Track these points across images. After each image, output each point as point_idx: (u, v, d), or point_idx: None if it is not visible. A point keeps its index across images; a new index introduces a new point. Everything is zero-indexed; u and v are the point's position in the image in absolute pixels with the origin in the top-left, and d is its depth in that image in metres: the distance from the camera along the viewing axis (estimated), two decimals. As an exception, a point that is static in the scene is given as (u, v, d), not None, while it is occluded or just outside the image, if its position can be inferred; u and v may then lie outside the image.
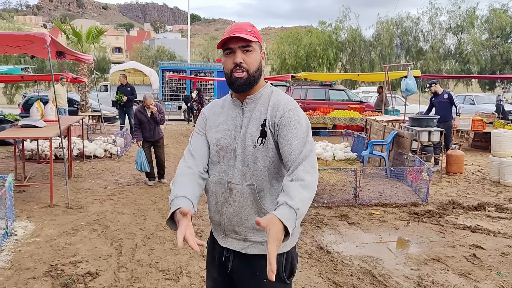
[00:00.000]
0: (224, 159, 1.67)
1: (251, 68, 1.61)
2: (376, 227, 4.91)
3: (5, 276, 3.48)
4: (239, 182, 1.62)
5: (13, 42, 5.94)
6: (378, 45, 29.08)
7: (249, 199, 1.62)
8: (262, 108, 1.65)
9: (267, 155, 1.61)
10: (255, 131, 1.62)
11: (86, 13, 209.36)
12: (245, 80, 1.60)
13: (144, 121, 6.64)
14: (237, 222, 1.64)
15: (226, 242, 1.70)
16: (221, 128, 1.69)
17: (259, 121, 1.62)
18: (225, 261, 1.72)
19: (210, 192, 1.71)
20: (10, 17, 76.73)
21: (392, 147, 7.81)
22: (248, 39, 1.58)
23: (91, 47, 17.62)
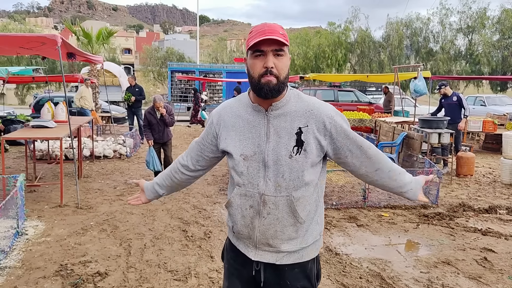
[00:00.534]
0: (249, 169, 1.57)
1: (281, 74, 1.51)
2: (385, 229, 4.87)
3: (16, 275, 3.52)
4: (273, 194, 1.55)
5: (25, 44, 6.02)
6: (388, 46, 28.89)
7: (285, 210, 1.56)
8: (292, 115, 1.55)
9: (305, 164, 1.55)
10: (288, 140, 1.53)
11: (96, 15, 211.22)
12: (274, 86, 1.50)
13: (154, 123, 6.59)
14: (272, 235, 1.58)
15: (257, 255, 1.63)
16: (242, 136, 1.60)
17: (291, 129, 1.54)
18: (255, 274, 1.66)
19: (235, 205, 1.64)
20: (22, 19, 77.71)
21: (401, 149, 7.75)
22: (282, 42, 1.48)
23: (101, 48, 17.77)
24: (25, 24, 47.65)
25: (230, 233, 1.76)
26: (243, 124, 1.61)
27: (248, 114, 1.61)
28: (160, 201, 5.91)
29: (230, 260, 1.76)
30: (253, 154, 1.56)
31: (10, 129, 9.99)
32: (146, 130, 6.71)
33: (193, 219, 5.12)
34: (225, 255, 1.82)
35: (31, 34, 6.02)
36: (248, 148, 1.58)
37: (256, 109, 1.59)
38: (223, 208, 5.57)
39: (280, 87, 1.52)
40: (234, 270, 1.74)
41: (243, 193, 1.60)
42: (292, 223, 1.58)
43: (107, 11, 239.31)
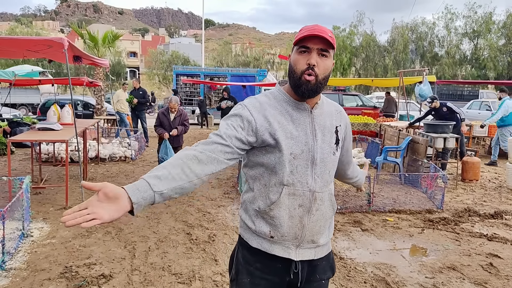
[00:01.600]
0: (298, 168, 1.54)
1: (321, 74, 1.50)
2: (390, 234, 4.85)
3: (21, 276, 3.53)
4: (321, 190, 1.59)
5: (32, 47, 6.07)
6: (393, 50, 28.88)
7: (327, 204, 1.64)
8: (329, 114, 1.66)
9: (338, 161, 1.72)
10: (331, 138, 1.62)
11: (102, 18, 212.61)
12: (313, 86, 1.50)
13: (165, 124, 6.45)
14: (317, 230, 1.61)
15: (299, 255, 1.60)
16: (290, 134, 1.53)
17: (331, 127, 1.63)
18: (293, 277, 1.61)
19: (284, 206, 1.55)
20: (29, 22, 78.36)
21: (406, 153, 7.73)
22: (329, 43, 1.48)
23: (107, 52, 17.89)
24: (32, 27, 48.04)
25: (259, 240, 1.61)
26: (287, 122, 1.54)
27: (292, 111, 1.56)
28: (164, 203, 5.92)
29: (256, 272, 1.61)
30: (301, 152, 1.54)
31: (17, 131, 10.07)
32: (158, 128, 6.55)
33: (198, 222, 5.12)
34: (243, 268, 1.64)
35: (38, 37, 6.08)
36: (296, 146, 1.54)
37: (301, 107, 1.57)
38: (228, 211, 5.58)
39: (318, 88, 1.52)
40: (261, 281, 1.61)
41: (292, 192, 1.55)
42: (331, 216, 1.69)
43: (113, 15, 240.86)
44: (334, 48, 1.52)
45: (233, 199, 6.18)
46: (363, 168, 2.18)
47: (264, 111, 1.54)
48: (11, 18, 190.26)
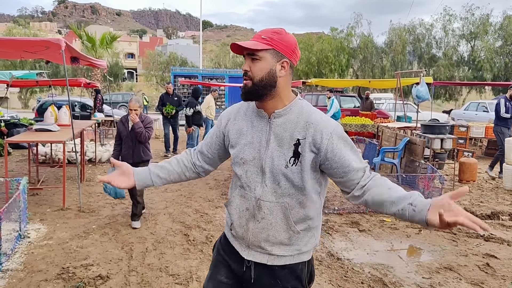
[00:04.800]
0: (248, 173, 1.60)
1: (255, 77, 1.52)
2: (387, 235, 4.86)
3: (18, 278, 3.52)
4: (269, 199, 1.57)
5: (29, 48, 6.06)
6: (390, 51, 28.97)
7: (279, 216, 1.58)
8: (293, 125, 1.54)
9: (301, 176, 1.54)
10: (287, 150, 1.53)
11: (100, 20, 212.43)
12: (248, 88, 1.54)
13: (124, 135, 4.99)
14: (264, 238, 1.60)
15: (249, 255, 1.66)
16: (245, 139, 1.62)
17: (290, 139, 1.53)
18: (245, 270, 1.68)
19: (234, 205, 1.67)
20: (26, 23, 78.19)
21: (404, 154, 7.74)
22: (251, 49, 1.50)
23: (105, 53, 17.89)
24: (29, 28, 47.93)
25: (227, 230, 1.78)
26: (247, 128, 1.63)
27: (253, 118, 1.63)
28: (162, 205, 5.92)
29: (221, 251, 1.78)
30: (252, 159, 1.59)
31: (14, 132, 10.04)
32: (115, 146, 5.18)
33: (195, 223, 5.12)
34: (217, 246, 1.83)
35: (35, 38, 6.07)
36: (248, 152, 1.60)
37: (260, 115, 1.61)
38: (225, 213, 5.57)
39: (255, 91, 1.54)
40: (223, 260, 1.76)
41: (242, 194, 1.64)
42: (285, 229, 1.59)
43: (110, 16, 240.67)
44: (270, 48, 1.51)
45: (231, 200, 6.17)
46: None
47: (233, 117, 1.70)
48: (8, 19, 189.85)
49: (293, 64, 1.59)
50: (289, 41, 1.55)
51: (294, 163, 1.52)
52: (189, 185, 7.06)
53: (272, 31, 1.55)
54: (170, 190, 6.85)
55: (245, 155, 1.60)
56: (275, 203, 1.57)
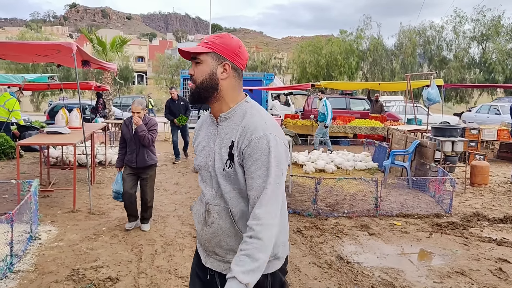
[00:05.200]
0: (203, 178, 1.65)
1: (197, 80, 1.57)
2: (398, 238, 4.82)
3: (29, 279, 3.55)
4: (217, 203, 1.58)
5: (41, 51, 6.13)
6: (400, 54, 28.79)
7: (227, 221, 1.57)
8: (233, 128, 1.55)
9: (236, 179, 1.53)
10: (224, 153, 1.54)
11: (111, 23, 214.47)
12: (192, 92, 1.59)
13: (127, 137, 4.84)
14: (216, 243, 1.61)
15: (208, 261, 1.66)
16: (201, 146, 1.68)
17: (227, 142, 1.54)
18: (210, 279, 1.68)
19: (194, 210, 1.72)
20: (38, 28, 79.27)
21: (414, 157, 7.68)
22: (191, 52, 1.56)
23: (115, 56, 18.02)
24: (41, 32, 48.60)
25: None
26: (204, 134, 1.69)
27: (208, 125, 1.68)
28: (171, 207, 5.93)
29: (194, 261, 1.82)
30: (205, 164, 1.62)
31: (25, 135, 10.16)
32: (119, 150, 4.99)
33: (204, 225, 5.11)
34: (194, 256, 1.87)
35: (47, 42, 6.15)
36: (202, 158, 1.64)
37: (212, 120, 1.66)
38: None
39: (198, 94, 1.58)
40: (194, 270, 1.79)
41: (200, 199, 1.69)
42: (234, 234, 1.56)
43: (121, 20, 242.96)
44: (211, 51, 1.54)
45: (240, 203, 6.16)
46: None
47: (200, 125, 1.76)
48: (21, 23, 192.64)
49: (237, 67, 1.59)
50: (231, 44, 1.57)
51: (230, 166, 1.52)
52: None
53: (216, 35, 1.58)
54: (179, 192, 6.87)
55: (200, 161, 1.65)
56: (222, 207, 1.57)
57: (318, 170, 8.70)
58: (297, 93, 19.88)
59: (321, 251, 4.36)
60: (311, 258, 4.18)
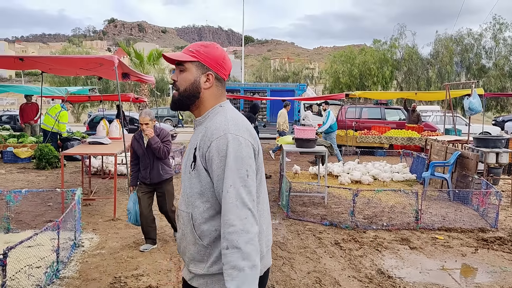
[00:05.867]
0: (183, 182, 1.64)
1: (180, 87, 1.57)
2: (441, 253, 4.64)
3: (74, 285, 3.66)
4: (182, 209, 1.57)
5: (85, 65, 6.40)
6: (436, 63, 28.06)
7: (188, 227, 1.53)
8: (200, 131, 1.56)
9: (199, 182, 1.49)
10: (189, 156, 1.55)
11: (147, 37, 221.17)
12: (176, 98, 1.59)
13: (140, 153, 4.50)
14: (182, 251, 1.59)
15: (184, 269, 1.64)
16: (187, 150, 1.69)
17: (193, 144, 1.55)
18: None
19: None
20: (80, 42, 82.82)
21: (455, 169, 7.42)
22: (175, 59, 1.57)
23: (151, 69, 18.56)
24: (82, 46, 50.76)
25: None
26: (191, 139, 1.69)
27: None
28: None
29: None
30: (185, 167, 1.60)
31: (68, 145, 10.58)
32: (132, 167, 4.68)
33: (241, 236, 5.11)
34: None
35: (90, 56, 6.41)
36: (184, 162, 1.64)
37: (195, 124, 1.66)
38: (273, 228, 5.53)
39: (180, 101, 1.58)
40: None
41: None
42: (193, 242, 1.52)
43: (156, 33, 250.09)
44: (195, 60, 1.55)
45: (275, 213, 6.14)
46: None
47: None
48: (63, 38, 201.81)
49: (220, 77, 1.59)
50: (216, 54, 1.57)
51: (193, 168, 1.51)
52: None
53: (201, 44, 1.59)
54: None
55: (183, 165, 1.63)
56: (185, 212, 1.55)
57: (353, 181, 8.55)
58: (330, 103, 19.74)
59: (360, 264, 4.27)
60: (350, 271, 4.09)
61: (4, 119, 18.37)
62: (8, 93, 31.00)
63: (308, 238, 5.07)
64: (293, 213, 6.10)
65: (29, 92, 12.84)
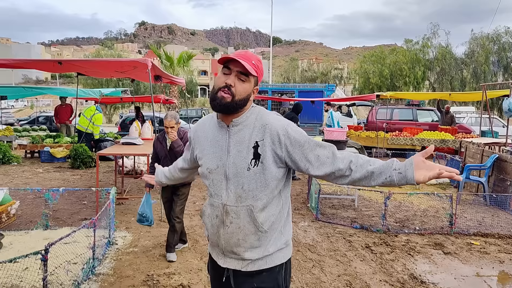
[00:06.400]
0: (214, 181, 1.72)
1: (238, 95, 1.63)
2: (477, 259, 4.50)
3: (108, 282, 3.77)
4: (234, 204, 1.67)
5: (119, 68, 6.58)
6: (471, 62, 27.21)
7: (246, 219, 1.67)
8: (250, 130, 1.67)
9: (263, 176, 1.65)
10: (247, 154, 1.64)
11: (176, 39, 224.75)
12: (227, 103, 1.63)
13: (161, 155, 4.48)
14: (235, 243, 1.69)
15: (226, 262, 1.75)
16: (208, 150, 1.75)
17: (249, 143, 1.65)
18: (225, 281, 1.78)
19: (206, 214, 1.79)
20: (112, 45, 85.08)
21: (492, 172, 7.17)
22: (247, 69, 1.61)
23: (181, 71, 18.85)
24: (114, 49, 52.03)
25: (208, 243, 1.89)
26: (210, 139, 1.76)
27: (214, 129, 1.75)
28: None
29: (210, 269, 1.91)
30: (216, 167, 1.70)
31: (101, 146, 10.89)
32: (151, 167, 4.59)
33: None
34: (208, 264, 1.96)
35: (125, 59, 6.58)
36: (212, 161, 1.72)
37: (220, 125, 1.73)
38: (299, 228, 5.52)
39: (232, 106, 1.64)
40: (213, 277, 1.89)
41: (211, 203, 1.75)
42: (253, 231, 1.68)
43: (185, 36, 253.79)
44: (256, 75, 1.67)
45: (304, 216, 6.12)
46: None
47: (199, 131, 1.84)
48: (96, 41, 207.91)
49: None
50: (263, 70, 1.74)
51: (255, 164, 1.64)
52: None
53: (257, 59, 1.70)
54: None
55: (210, 165, 1.72)
56: (240, 206, 1.66)
57: (384, 184, 8.39)
58: (359, 104, 19.46)
59: (392, 268, 4.19)
60: (382, 275, 4.03)
61: (41, 120, 19.10)
62: (44, 95, 32.21)
63: (338, 241, 5.03)
64: (322, 215, 6.06)
65: (65, 94, 13.31)
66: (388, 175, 1.55)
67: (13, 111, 37.80)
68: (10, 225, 5.41)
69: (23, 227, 5.34)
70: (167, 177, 2.22)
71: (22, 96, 16.56)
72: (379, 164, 1.58)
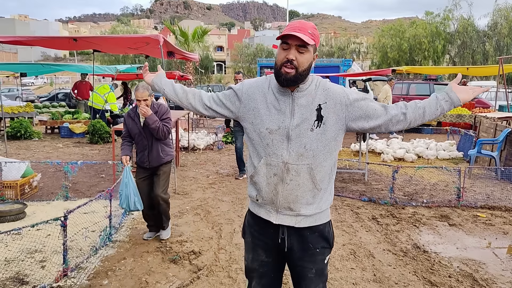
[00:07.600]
0: (274, 141, 1.78)
1: (301, 67, 1.72)
2: (481, 230, 4.59)
3: (124, 248, 4.01)
4: (296, 162, 1.77)
5: (132, 44, 6.70)
6: (494, 35, 26.32)
7: (305, 177, 1.78)
8: (313, 94, 1.78)
9: (324, 136, 1.77)
10: (310, 116, 1.76)
11: (192, 14, 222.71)
12: (292, 77, 1.72)
13: (135, 133, 4.00)
14: (293, 199, 1.80)
15: (278, 219, 1.83)
16: (265, 111, 1.81)
17: (312, 106, 1.76)
18: (281, 242, 1.86)
19: (261, 174, 1.82)
20: (128, 21, 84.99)
21: (504, 147, 7.13)
22: (305, 41, 1.67)
23: (196, 46, 18.84)
24: (130, 25, 52.13)
25: (252, 204, 1.95)
26: (269, 102, 1.82)
27: (276, 93, 1.81)
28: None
29: (255, 233, 1.95)
30: (278, 128, 1.77)
31: (118, 121, 11.15)
32: (123, 143, 4.10)
33: (279, 209, 5.29)
34: (247, 230, 2.01)
35: (137, 35, 6.69)
36: (272, 123, 1.78)
37: (282, 91, 1.80)
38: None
39: (298, 78, 1.73)
40: (259, 241, 1.94)
41: (268, 162, 1.80)
42: (311, 188, 1.80)
43: (201, 10, 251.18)
44: (314, 43, 1.72)
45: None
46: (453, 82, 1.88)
47: (256, 92, 1.86)
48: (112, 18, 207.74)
49: None
50: (318, 35, 1.79)
51: (318, 126, 1.76)
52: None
53: (313, 27, 1.76)
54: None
55: (270, 125, 1.78)
56: (301, 165, 1.77)
57: (397, 159, 8.44)
58: (376, 79, 19.20)
59: (396, 239, 4.32)
60: (385, 245, 4.17)
61: (60, 96, 19.51)
62: (63, 72, 32.72)
63: (346, 213, 5.16)
64: (332, 188, 6.18)
65: (82, 70, 13.55)
66: (438, 106, 1.79)
67: (33, 88, 38.55)
68: (32, 196, 5.72)
69: (44, 198, 5.64)
70: (174, 90, 2.01)
71: (41, 73, 16.91)
72: (424, 101, 1.82)
